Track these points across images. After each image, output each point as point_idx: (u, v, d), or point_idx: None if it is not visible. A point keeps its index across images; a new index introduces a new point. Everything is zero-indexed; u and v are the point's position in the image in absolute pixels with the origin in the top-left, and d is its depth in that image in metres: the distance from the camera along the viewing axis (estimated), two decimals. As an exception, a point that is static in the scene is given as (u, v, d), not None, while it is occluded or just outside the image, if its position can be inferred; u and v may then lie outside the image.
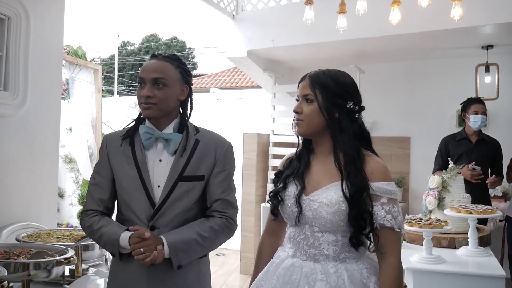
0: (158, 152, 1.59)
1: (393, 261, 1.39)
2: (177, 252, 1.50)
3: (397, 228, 1.38)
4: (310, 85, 1.46)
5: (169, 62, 1.60)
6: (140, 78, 1.57)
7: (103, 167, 1.63)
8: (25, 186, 3.00)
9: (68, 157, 7.90)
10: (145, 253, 1.44)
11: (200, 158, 1.59)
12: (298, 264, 1.44)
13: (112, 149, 1.62)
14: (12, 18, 2.86)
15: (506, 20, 3.69)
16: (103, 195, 1.62)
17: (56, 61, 3.32)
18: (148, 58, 1.68)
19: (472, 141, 3.63)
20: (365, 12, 3.38)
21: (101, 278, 2.13)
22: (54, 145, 3.32)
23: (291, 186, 1.49)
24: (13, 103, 2.89)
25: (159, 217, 1.55)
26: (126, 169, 1.58)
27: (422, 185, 3.84)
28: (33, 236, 2.39)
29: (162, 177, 1.57)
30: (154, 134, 1.57)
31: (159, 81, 1.54)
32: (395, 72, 5.36)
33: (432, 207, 2.92)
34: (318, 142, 1.50)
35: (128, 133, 1.61)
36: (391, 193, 1.40)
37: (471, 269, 2.42)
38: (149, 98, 1.53)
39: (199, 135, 1.63)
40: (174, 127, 1.61)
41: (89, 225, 1.59)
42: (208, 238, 1.55)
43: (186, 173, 1.56)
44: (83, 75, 5.02)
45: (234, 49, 4.94)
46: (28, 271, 1.75)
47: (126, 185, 1.58)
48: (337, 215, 1.38)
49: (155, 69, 1.55)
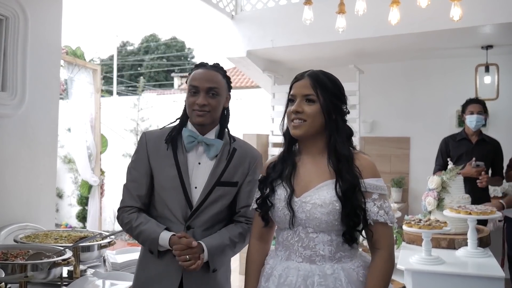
0: (198, 155, 1.68)
1: (385, 254, 1.41)
2: (214, 257, 1.60)
3: (390, 222, 1.41)
4: (312, 85, 1.45)
5: (218, 71, 1.71)
6: (194, 86, 1.65)
7: (141, 163, 1.69)
8: (23, 187, 2.99)
9: (67, 157, 7.89)
10: (190, 261, 1.53)
11: (235, 165, 1.68)
12: (293, 266, 1.43)
13: (152, 148, 1.69)
14: (10, 18, 2.85)
15: (505, 20, 3.68)
16: (140, 191, 1.68)
17: (55, 61, 3.31)
18: (194, 66, 1.76)
19: (472, 141, 3.63)
20: (364, 12, 3.37)
21: (99, 279, 2.12)
22: (53, 145, 3.32)
23: (280, 189, 1.48)
24: (11, 103, 2.88)
25: (195, 218, 1.62)
26: (167, 169, 1.65)
27: (422, 186, 3.83)
28: (31, 237, 2.38)
29: (200, 180, 1.65)
30: (197, 138, 1.66)
31: (213, 90, 1.65)
32: (394, 72, 5.35)
33: (431, 208, 2.92)
34: (309, 143, 1.49)
35: (172, 135, 1.69)
36: (381, 188, 1.42)
37: (470, 270, 2.41)
38: (204, 106, 1.63)
39: (236, 144, 1.74)
40: (216, 133, 1.71)
41: (128, 222, 1.65)
42: (238, 243, 1.67)
43: (223, 179, 1.66)
44: (82, 75, 5.01)
45: (233, 49, 4.93)
46: (26, 273, 1.74)
47: (165, 184, 1.65)
48: (331, 215, 1.38)
49: (209, 79, 1.66)
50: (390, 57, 5.15)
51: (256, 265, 1.57)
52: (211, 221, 1.66)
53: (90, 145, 5.16)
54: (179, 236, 1.57)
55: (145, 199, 1.69)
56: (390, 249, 1.43)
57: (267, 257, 1.57)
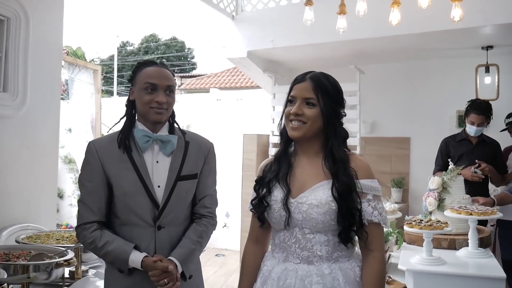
0: (155, 154, 1.65)
1: (378, 255, 1.43)
2: (187, 265, 1.61)
3: (383, 223, 1.44)
4: (313, 88, 1.45)
5: (168, 70, 1.70)
6: (151, 84, 1.61)
7: (95, 174, 1.62)
8: (24, 187, 2.99)
9: (67, 157, 7.87)
10: (169, 284, 1.53)
11: (192, 158, 1.68)
12: (291, 267, 1.44)
13: (104, 155, 1.62)
14: (12, 19, 2.86)
15: (506, 21, 3.68)
16: (100, 203, 1.61)
17: (56, 62, 3.31)
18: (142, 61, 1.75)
19: (472, 142, 3.63)
20: (365, 13, 3.37)
21: (101, 279, 2.12)
22: (54, 145, 3.32)
23: (276, 190, 1.48)
24: (13, 104, 2.88)
25: (164, 217, 1.61)
26: (125, 173, 1.60)
27: (422, 186, 3.83)
28: (33, 237, 2.38)
29: (161, 178, 1.63)
30: (152, 137, 1.63)
31: (170, 88, 1.64)
32: (395, 72, 5.35)
33: (432, 208, 2.92)
34: (305, 145, 1.50)
35: (123, 138, 1.63)
36: (375, 189, 1.44)
37: (471, 271, 2.41)
38: (163, 104, 1.61)
39: (187, 136, 1.72)
40: (167, 129, 1.70)
41: (91, 241, 1.58)
42: (203, 241, 1.70)
43: (183, 173, 1.65)
44: (83, 76, 5.02)
45: (233, 49, 4.93)
46: (28, 273, 1.75)
47: (127, 188, 1.60)
48: (328, 215, 1.40)
49: (168, 77, 1.65)
50: (391, 58, 5.14)
51: (251, 268, 1.57)
52: (180, 218, 1.66)
53: (90, 146, 5.15)
54: (154, 260, 1.53)
55: (104, 210, 1.63)
56: (383, 250, 1.46)
57: (264, 259, 1.57)
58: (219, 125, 7.23)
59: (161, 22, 42.77)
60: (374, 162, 5.45)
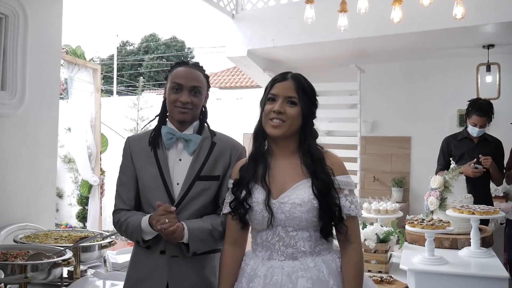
0: (179, 152, 1.69)
1: (357, 247, 1.50)
2: (195, 238, 1.57)
3: (358, 215, 1.51)
4: (296, 88, 1.50)
5: (200, 70, 1.73)
6: (178, 84, 1.66)
7: (127, 167, 1.72)
8: (23, 187, 2.97)
9: (67, 157, 7.88)
10: (169, 223, 1.50)
11: (216, 159, 1.69)
12: (277, 265, 1.47)
13: (135, 150, 1.72)
14: (10, 16, 2.84)
15: (507, 19, 3.67)
16: (129, 194, 1.70)
17: (54, 60, 3.30)
18: (174, 63, 1.79)
19: (473, 140, 3.62)
20: (366, 11, 3.35)
21: (99, 279, 2.10)
22: (53, 145, 3.30)
23: (257, 191, 1.49)
24: (11, 102, 2.86)
25: (178, 213, 1.60)
26: (148, 168, 1.67)
27: (423, 185, 3.82)
28: (31, 237, 2.37)
29: (181, 176, 1.66)
30: (176, 135, 1.68)
31: (196, 89, 1.67)
32: (395, 71, 5.34)
33: (434, 208, 2.90)
34: (282, 144, 1.53)
35: (154, 134, 1.71)
36: (351, 184, 1.51)
37: (473, 270, 2.39)
38: (187, 104, 1.65)
39: (216, 138, 1.73)
40: (194, 129, 1.72)
41: (117, 220, 1.67)
42: (220, 232, 1.63)
43: (203, 173, 1.66)
44: (82, 75, 4.99)
45: (233, 48, 4.92)
46: (26, 273, 1.73)
47: (148, 182, 1.67)
48: (310, 213, 1.44)
49: (193, 78, 1.68)
50: (392, 57, 5.13)
51: (231, 271, 1.56)
52: (195, 217, 1.65)
53: (90, 145, 5.14)
54: (158, 204, 1.57)
55: (134, 202, 1.70)
56: (360, 241, 1.54)
57: (245, 258, 1.57)
58: (219, 125, 7.19)
59: (161, 22, 42.77)
60: (374, 161, 5.44)
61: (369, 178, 5.49)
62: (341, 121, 4.97)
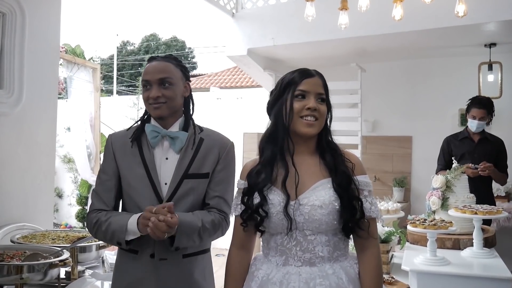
0: (165, 150, 1.63)
1: (376, 251, 1.44)
2: (182, 233, 1.50)
3: (378, 218, 1.45)
4: (323, 85, 1.47)
5: (169, 61, 1.65)
6: (145, 81, 1.61)
7: (109, 165, 1.65)
8: (21, 186, 2.95)
9: (67, 157, 7.85)
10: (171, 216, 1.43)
11: (204, 156, 1.62)
12: (293, 271, 1.38)
13: (118, 149, 1.65)
14: (7, 14, 2.81)
15: (509, 17, 3.65)
16: (109, 194, 1.63)
17: (53, 59, 3.27)
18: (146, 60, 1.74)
19: (474, 140, 3.59)
20: (367, 9, 3.32)
21: (97, 280, 2.08)
22: (51, 144, 3.27)
23: (272, 194, 1.39)
24: (8, 101, 2.84)
25: None
26: (134, 168, 1.61)
27: (424, 185, 3.79)
28: (28, 237, 2.34)
29: (169, 175, 1.60)
30: (161, 133, 1.61)
31: (165, 80, 1.60)
32: (396, 70, 5.32)
33: (435, 208, 2.87)
34: (304, 143, 1.45)
35: (136, 134, 1.65)
36: (370, 185, 1.47)
37: (476, 271, 2.36)
38: (158, 98, 1.58)
39: (203, 133, 1.67)
40: (180, 126, 1.65)
41: (96, 220, 1.57)
42: (208, 230, 1.57)
43: (191, 171, 1.60)
44: (82, 74, 4.97)
45: (234, 47, 4.89)
46: (22, 274, 1.71)
47: (134, 183, 1.60)
48: (331, 215, 1.36)
49: (160, 70, 1.60)
50: (392, 56, 5.11)
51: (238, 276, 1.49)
52: None
53: (89, 145, 5.12)
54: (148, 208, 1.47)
55: (114, 202, 1.63)
56: (378, 246, 1.48)
57: (255, 262, 1.49)
58: (219, 124, 7.17)
59: (162, 22, 42.78)
60: (375, 161, 5.41)
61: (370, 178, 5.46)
62: (341, 121, 4.92)
